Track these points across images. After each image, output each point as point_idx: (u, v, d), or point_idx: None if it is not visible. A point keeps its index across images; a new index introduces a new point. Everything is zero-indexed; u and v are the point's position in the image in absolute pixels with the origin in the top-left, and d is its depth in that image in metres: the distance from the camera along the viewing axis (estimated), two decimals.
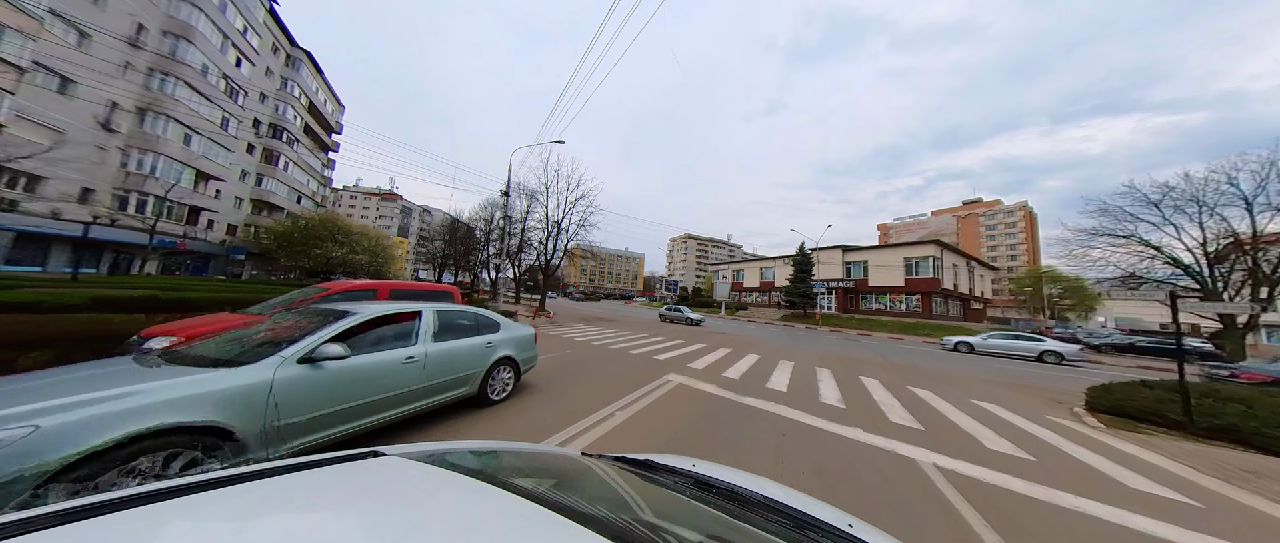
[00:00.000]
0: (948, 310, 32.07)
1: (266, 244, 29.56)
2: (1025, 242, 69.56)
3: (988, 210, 74.26)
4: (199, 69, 22.21)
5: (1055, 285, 48.52)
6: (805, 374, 7.73)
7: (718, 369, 7.63)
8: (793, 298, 33.10)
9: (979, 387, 8.13)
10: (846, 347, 14.40)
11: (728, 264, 52.60)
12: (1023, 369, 12.15)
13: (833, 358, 10.70)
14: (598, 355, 8.41)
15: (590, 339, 11.02)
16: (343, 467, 0.88)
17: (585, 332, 13.00)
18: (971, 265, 35.68)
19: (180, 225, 22.73)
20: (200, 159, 23.13)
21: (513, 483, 0.83)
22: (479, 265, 38.92)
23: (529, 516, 0.70)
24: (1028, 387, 8.73)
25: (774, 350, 11.35)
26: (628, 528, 0.69)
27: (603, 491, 1.03)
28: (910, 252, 31.17)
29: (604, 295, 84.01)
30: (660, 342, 11.41)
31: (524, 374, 4.99)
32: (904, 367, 10.22)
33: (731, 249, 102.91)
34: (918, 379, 8.35)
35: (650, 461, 1.27)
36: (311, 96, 35.68)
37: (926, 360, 12.14)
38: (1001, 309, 53.58)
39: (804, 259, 33.28)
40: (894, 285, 31.71)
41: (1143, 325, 50.47)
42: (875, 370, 9.03)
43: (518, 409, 4.33)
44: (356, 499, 0.76)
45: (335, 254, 28.90)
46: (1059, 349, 14.36)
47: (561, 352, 8.61)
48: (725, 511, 0.96)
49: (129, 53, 19.01)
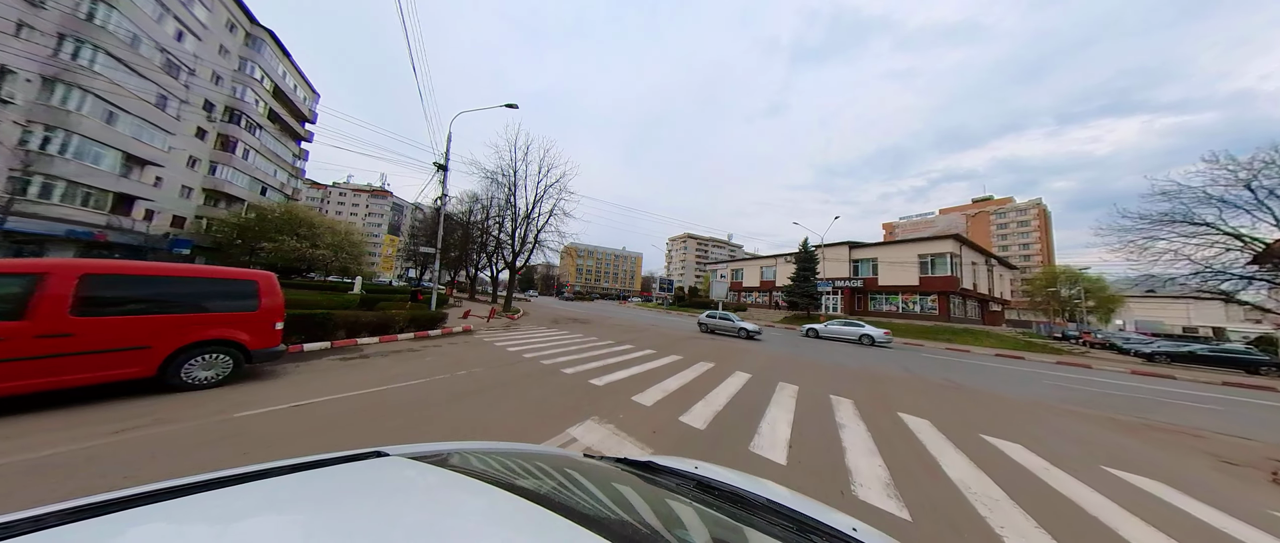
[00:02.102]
0: (966, 312, 29.20)
1: (219, 237, 27.10)
2: (1039, 241, 66.43)
3: (999, 208, 71.17)
4: (126, 38, 19.69)
5: (1074, 285, 45.58)
6: (817, 417, 4.98)
7: (677, 406, 4.90)
8: (795, 298, 30.28)
9: (1083, 430, 5.36)
10: (862, 358, 11.63)
11: (725, 263, 49.73)
12: (1150, 405, 9.35)
13: (850, 378, 7.95)
14: (509, 379, 5.73)
15: (527, 349, 8.35)
16: (346, 467, 0.88)
17: (536, 338, 10.33)
18: (991, 264, 32.77)
19: (103, 214, 20.16)
20: (129, 140, 20.60)
21: (515, 484, 0.86)
22: (461, 263, 36.34)
23: (532, 517, 0.69)
24: (1171, 434, 5.97)
25: (770, 366, 8.62)
26: (631, 530, 0.74)
27: (605, 492, 0.99)
28: (926, 248, 28.31)
29: (600, 295, 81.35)
30: (619, 354, 8.72)
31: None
32: (957, 392, 7.45)
33: (732, 249, 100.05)
34: (1002, 422, 5.59)
35: (652, 463, 1.28)
36: (277, 80, 33.21)
37: (975, 376, 9.37)
38: (1017, 312, 50.50)
39: (807, 256, 30.45)
40: (907, 285, 28.85)
41: (1164, 329, 47.48)
42: (921, 402, 6.27)
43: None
44: (360, 500, 0.76)
45: (291, 247, 26.40)
46: (872, 334, 16.85)
47: (462, 371, 5.95)
48: (728, 514, 0.96)
49: (25, 10, 16.50)
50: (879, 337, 17.64)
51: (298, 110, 36.92)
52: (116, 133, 19.93)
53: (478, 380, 5.53)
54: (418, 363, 6.41)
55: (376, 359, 6.54)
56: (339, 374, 5.45)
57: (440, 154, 11.72)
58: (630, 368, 7.06)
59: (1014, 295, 50.64)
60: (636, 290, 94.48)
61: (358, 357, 6.70)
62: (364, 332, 8.14)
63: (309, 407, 4.00)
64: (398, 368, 5.99)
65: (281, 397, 4.25)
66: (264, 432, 3.36)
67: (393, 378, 5.36)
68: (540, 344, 9.22)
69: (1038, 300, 48.60)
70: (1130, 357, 18.95)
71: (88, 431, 3.13)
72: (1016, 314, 49.85)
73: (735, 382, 6.59)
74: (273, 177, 34.25)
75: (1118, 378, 11.81)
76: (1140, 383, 11.08)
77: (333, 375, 5.36)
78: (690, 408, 4.79)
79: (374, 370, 5.78)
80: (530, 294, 61.87)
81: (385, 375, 5.48)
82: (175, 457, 2.83)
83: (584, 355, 8.01)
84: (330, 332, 7.36)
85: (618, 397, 5.14)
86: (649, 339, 11.84)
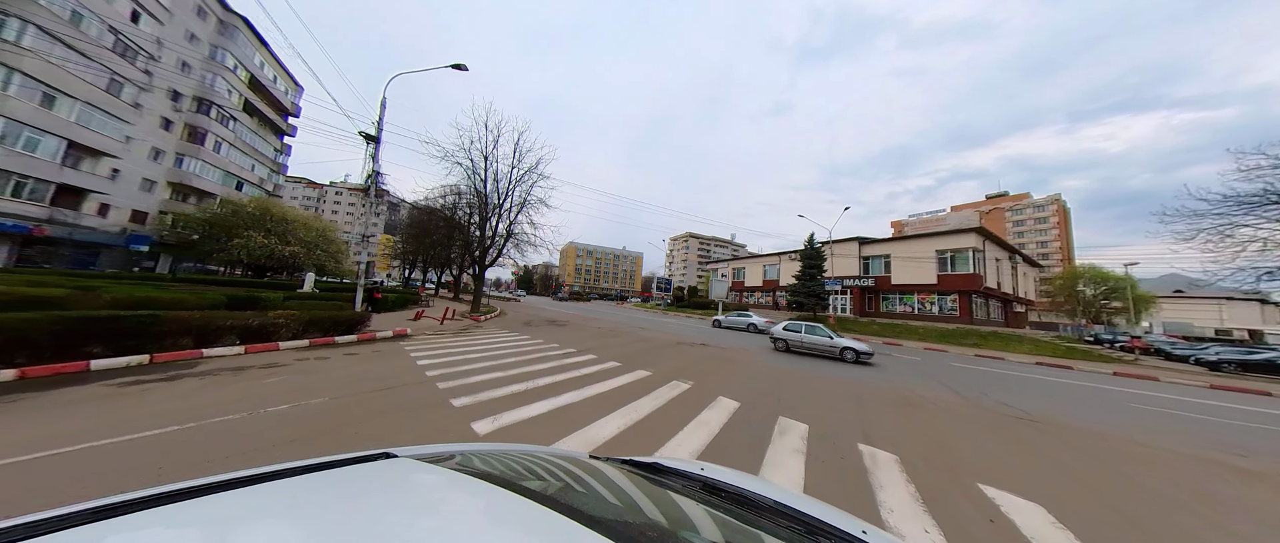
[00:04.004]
0: (988, 314, 26.71)
1: (183, 233, 25.47)
2: (1058, 239, 63.21)
3: (1015, 205, 68.07)
4: (64, 15, 18.05)
5: (1103, 285, 42.60)
6: (844, 491, 2.84)
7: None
8: (800, 298, 27.91)
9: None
10: (893, 374, 9.42)
11: (726, 262, 47.39)
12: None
13: (881, 406, 5.79)
14: (347, 419, 3.71)
15: (446, 363, 6.30)
16: (355, 468, 0.88)
17: (477, 346, 8.28)
18: (1016, 260, 30.20)
19: (42, 207, 18.50)
20: (72, 126, 18.95)
21: (522, 485, 0.84)
22: (448, 262, 34.53)
23: (538, 518, 0.69)
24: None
25: (768, 386, 6.48)
26: (637, 532, 0.72)
27: (611, 494, 0.99)
28: (945, 243, 25.85)
29: (599, 295, 79.36)
30: (566, 371, 6.66)
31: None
32: (1035, 430, 5.26)
33: (735, 249, 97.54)
34: (1165, 503, 3.44)
35: (658, 464, 1.28)
36: (254, 70, 31.67)
37: (1033, 396, 7.13)
38: (1039, 313, 47.57)
39: (813, 254, 28.07)
40: (924, 283, 26.42)
41: (1194, 332, 44.26)
42: (997, 451, 4.12)
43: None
44: (369, 501, 0.75)
45: (258, 244, 24.65)
46: (756, 322, 15.02)
47: (303, 401, 3.91)
48: (735, 515, 0.94)
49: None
50: (760, 323, 18.41)
51: (278, 103, 35.38)
52: (55, 117, 18.27)
53: (294, 424, 3.47)
54: (254, 387, 4.39)
55: (199, 380, 4.54)
56: (91, 411, 3.45)
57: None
58: (562, 396, 4.96)
59: (1036, 296, 47.77)
60: (636, 290, 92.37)
61: (185, 375, 4.70)
62: (225, 338, 6.14)
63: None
64: (212, 396, 3.99)
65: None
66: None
67: (171, 418, 3.35)
68: (472, 356, 7.16)
69: (1059, 301, 45.61)
70: (1190, 365, 16.46)
71: None
72: (1037, 316, 46.97)
73: (714, 417, 4.46)
74: (250, 171, 32.73)
75: (1203, 396, 9.49)
76: (1238, 403, 8.74)
77: (76, 413, 3.36)
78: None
79: (167, 402, 3.78)
80: (520, 294, 59.85)
81: (169, 412, 3.48)
82: None
83: (514, 374, 5.93)
84: (155, 340, 5.35)
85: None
86: (622, 347, 9.74)
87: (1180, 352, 19.69)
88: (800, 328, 11.80)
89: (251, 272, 28.09)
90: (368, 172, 9.40)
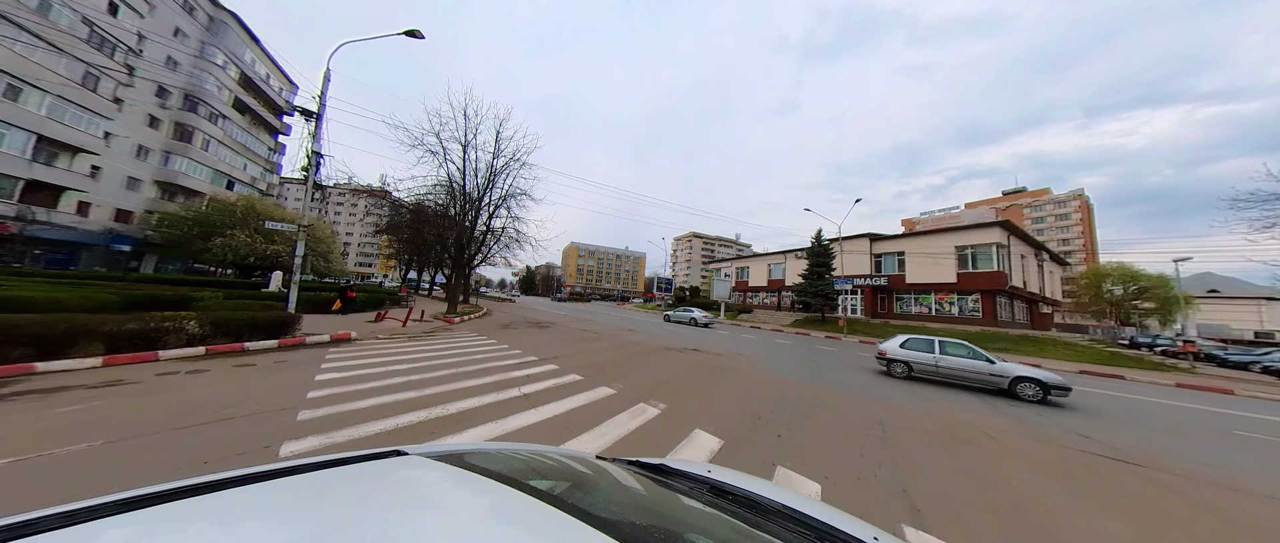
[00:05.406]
0: (1013, 315, 24.76)
1: (167, 232, 24.77)
2: (1082, 236, 60.22)
3: (1034, 200, 65.12)
4: (30, 4, 17.33)
5: (1132, 283, 39.96)
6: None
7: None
8: (807, 298, 26.23)
9: None
10: (919, 388, 7.89)
11: (729, 261, 45.69)
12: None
13: (918, 439, 4.33)
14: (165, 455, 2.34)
15: (356, 379, 4.99)
16: (365, 466, 0.88)
17: (425, 352, 6.99)
18: (1042, 257, 28.14)
19: (9, 203, 17.79)
20: (43, 120, 18.24)
21: (529, 485, 0.84)
22: (440, 262, 33.56)
23: (546, 518, 0.69)
24: None
25: (765, 410, 5.04)
26: (643, 533, 0.71)
27: (618, 495, 1.00)
28: (965, 238, 23.98)
29: (600, 296, 78.13)
30: (508, 390, 5.30)
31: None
32: (1140, 480, 3.78)
33: (739, 248, 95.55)
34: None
35: (665, 465, 1.27)
36: (245, 68, 31.04)
37: (1107, 420, 5.58)
38: (1064, 314, 45.00)
39: (822, 251, 26.37)
40: (942, 282, 24.56)
41: (1231, 334, 41.28)
42: (1111, 527, 2.63)
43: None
44: (378, 497, 0.76)
45: (242, 242, 23.83)
46: (696, 316, 15.85)
47: (56, 447, 2.59)
48: (742, 518, 0.93)
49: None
50: (701, 318, 20.34)
51: (271, 102, 34.76)
52: (22, 110, 17.55)
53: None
54: (28, 419, 3.12)
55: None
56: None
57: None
58: (470, 429, 3.60)
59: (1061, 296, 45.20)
60: (639, 291, 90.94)
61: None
62: (84, 347, 4.90)
63: None
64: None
65: None
66: None
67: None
68: (400, 369, 5.84)
69: (1084, 302, 43.01)
70: (1252, 372, 14.53)
71: None
72: (1063, 317, 44.44)
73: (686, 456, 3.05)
74: (241, 170, 32.09)
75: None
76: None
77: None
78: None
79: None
80: (515, 295, 58.66)
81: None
82: None
83: (430, 394, 4.59)
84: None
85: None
86: (597, 354, 8.35)
87: (1235, 357, 17.67)
88: (932, 345, 7.90)
89: (240, 271, 27.37)
90: (307, 150, 8.22)
